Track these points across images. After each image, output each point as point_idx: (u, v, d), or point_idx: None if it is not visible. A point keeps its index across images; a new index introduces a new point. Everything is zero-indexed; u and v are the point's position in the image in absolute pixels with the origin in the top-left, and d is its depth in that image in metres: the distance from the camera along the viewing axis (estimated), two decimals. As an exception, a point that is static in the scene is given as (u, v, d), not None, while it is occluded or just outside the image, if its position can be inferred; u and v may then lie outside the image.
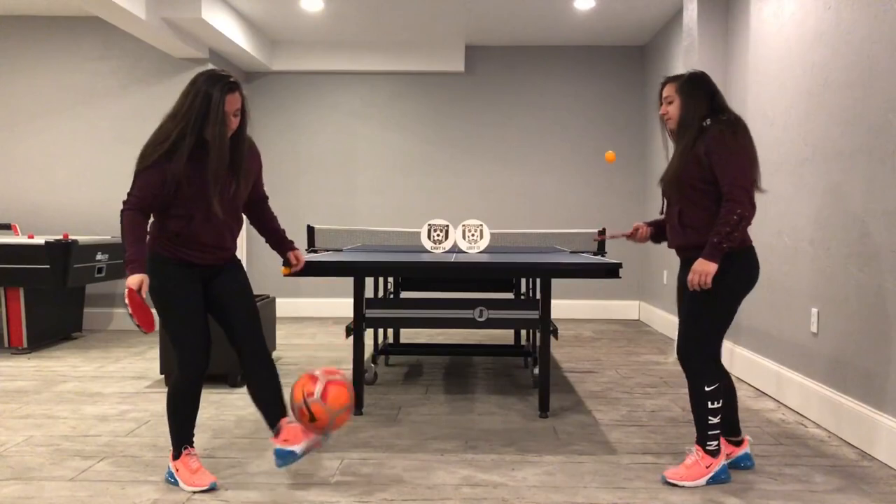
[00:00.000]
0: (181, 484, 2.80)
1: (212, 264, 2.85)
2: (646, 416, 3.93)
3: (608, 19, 6.98)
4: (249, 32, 7.08)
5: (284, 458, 2.78)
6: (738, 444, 3.06)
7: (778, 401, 4.25)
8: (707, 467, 2.83)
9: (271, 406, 2.87)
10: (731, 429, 3.05)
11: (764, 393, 4.45)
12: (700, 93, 2.87)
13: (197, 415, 2.89)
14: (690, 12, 5.36)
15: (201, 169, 2.67)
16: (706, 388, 2.81)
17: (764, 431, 3.63)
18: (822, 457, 3.24)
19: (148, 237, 2.75)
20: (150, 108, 6.93)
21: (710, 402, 2.81)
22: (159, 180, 2.63)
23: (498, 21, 7.05)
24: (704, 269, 2.74)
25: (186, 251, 2.75)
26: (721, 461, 2.86)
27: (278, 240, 3.13)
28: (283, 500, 2.70)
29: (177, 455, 2.85)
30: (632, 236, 3.18)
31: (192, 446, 2.86)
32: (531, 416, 3.88)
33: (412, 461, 3.14)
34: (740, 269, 2.82)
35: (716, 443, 2.84)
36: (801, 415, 3.94)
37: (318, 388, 2.71)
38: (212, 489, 2.78)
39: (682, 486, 2.81)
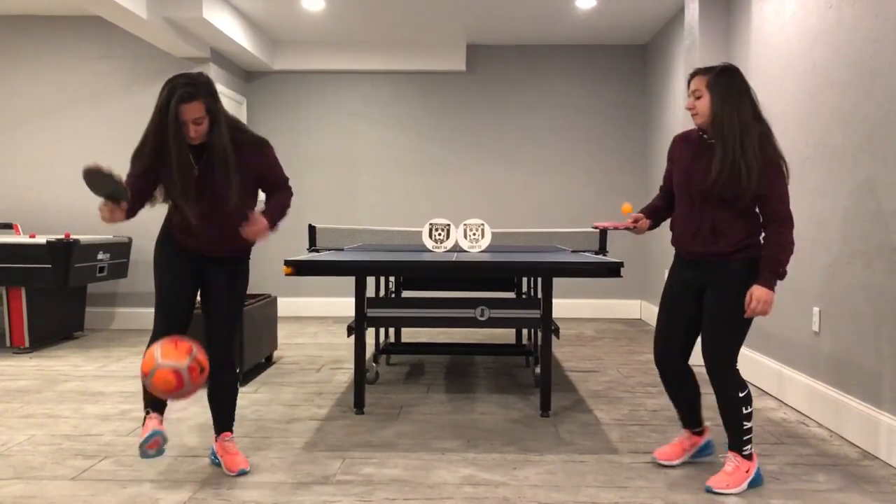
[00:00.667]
0: (140, 439, 2.81)
1: (210, 255, 2.94)
2: (647, 415, 3.93)
3: (609, 18, 6.98)
4: (251, 32, 7.08)
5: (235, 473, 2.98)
6: (701, 433, 3.11)
7: (779, 400, 4.25)
8: (746, 472, 2.81)
9: (223, 414, 3.03)
10: (693, 421, 3.08)
11: (765, 392, 4.45)
12: (734, 91, 2.70)
13: None
14: (692, 11, 5.36)
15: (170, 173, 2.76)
16: (739, 395, 2.79)
17: (765, 430, 3.63)
18: (824, 456, 3.24)
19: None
20: (151, 107, 6.80)
21: (743, 409, 2.79)
22: (135, 176, 2.81)
23: (499, 20, 7.04)
24: (767, 299, 2.67)
25: (179, 235, 2.91)
26: (756, 464, 2.85)
27: (267, 202, 3.12)
28: (284, 499, 2.71)
29: (145, 415, 2.89)
30: (632, 228, 3.11)
31: (155, 412, 2.86)
32: (532, 416, 3.88)
33: (413, 460, 3.14)
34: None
35: (750, 447, 2.83)
36: (802, 414, 3.94)
37: (192, 344, 2.64)
38: (153, 435, 2.75)
39: (728, 494, 2.76)
